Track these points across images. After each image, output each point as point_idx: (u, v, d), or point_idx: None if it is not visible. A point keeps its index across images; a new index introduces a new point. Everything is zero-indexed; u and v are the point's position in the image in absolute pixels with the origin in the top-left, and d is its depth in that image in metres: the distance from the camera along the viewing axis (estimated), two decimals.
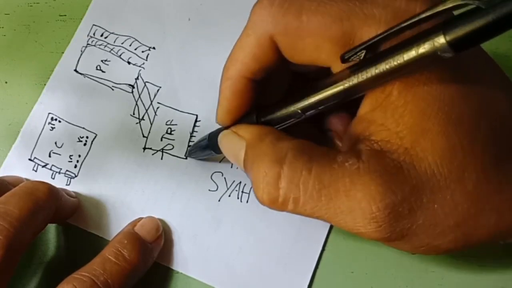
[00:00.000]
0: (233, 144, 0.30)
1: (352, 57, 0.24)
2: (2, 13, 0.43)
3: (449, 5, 0.21)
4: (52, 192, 0.34)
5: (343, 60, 0.25)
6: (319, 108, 0.27)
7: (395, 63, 0.22)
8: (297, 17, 0.26)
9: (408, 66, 0.22)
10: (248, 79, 0.29)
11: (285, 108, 0.28)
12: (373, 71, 0.23)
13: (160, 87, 0.40)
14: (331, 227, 0.37)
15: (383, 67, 0.23)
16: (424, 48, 0.21)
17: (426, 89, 0.24)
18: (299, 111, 0.27)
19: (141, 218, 0.37)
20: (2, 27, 0.42)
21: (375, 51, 0.24)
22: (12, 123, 0.40)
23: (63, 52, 0.41)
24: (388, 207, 0.24)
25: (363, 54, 0.24)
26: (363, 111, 0.26)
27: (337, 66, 0.26)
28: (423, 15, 0.22)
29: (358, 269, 0.37)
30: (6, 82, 0.41)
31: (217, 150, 0.33)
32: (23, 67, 0.42)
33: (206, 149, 0.35)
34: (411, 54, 0.22)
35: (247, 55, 0.28)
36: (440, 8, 0.22)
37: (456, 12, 0.21)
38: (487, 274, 0.36)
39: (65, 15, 0.42)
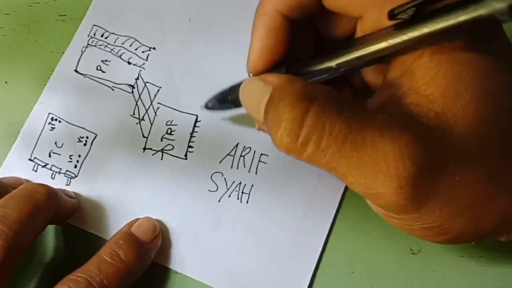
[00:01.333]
0: (257, 89, 0.27)
1: (400, 14, 0.23)
2: (2, 13, 0.43)
3: None
4: (51, 194, 0.34)
5: (392, 16, 0.23)
6: (357, 65, 0.26)
7: (450, 23, 0.21)
8: None
9: (461, 27, 0.21)
10: (284, 16, 0.28)
11: (320, 63, 0.27)
12: (424, 30, 0.22)
13: (160, 87, 0.40)
14: (331, 228, 0.37)
15: (435, 26, 0.22)
16: (482, 9, 0.20)
17: (461, 54, 0.23)
18: (335, 66, 0.26)
19: (138, 219, 0.37)
20: (2, 27, 0.43)
21: (423, 11, 0.23)
22: (12, 123, 0.40)
23: (63, 52, 0.41)
24: (416, 166, 0.22)
25: (412, 12, 0.23)
26: (391, 75, 0.26)
27: (368, 17, 0.25)
28: None
29: (358, 269, 0.37)
30: (6, 82, 0.41)
31: (238, 103, 0.31)
32: (23, 67, 0.42)
33: (225, 102, 0.33)
34: (468, 15, 0.21)
35: None
36: None
37: None
38: (487, 274, 0.36)
39: (65, 15, 0.42)
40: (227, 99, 0.33)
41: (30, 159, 0.39)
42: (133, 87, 0.40)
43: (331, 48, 0.27)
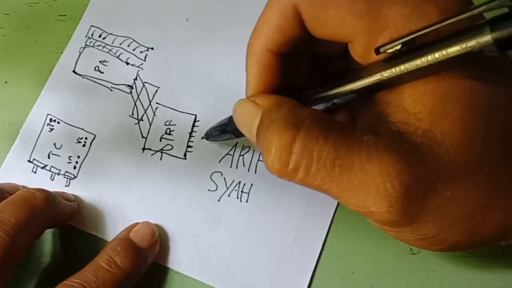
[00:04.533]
0: (248, 111, 0.28)
1: (388, 50, 0.24)
2: (2, 13, 0.43)
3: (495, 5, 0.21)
4: (48, 199, 0.34)
5: (377, 52, 0.24)
6: (351, 97, 0.26)
7: (436, 56, 0.22)
8: None
9: (446, 61, 0.22)
10: (274, 53, 0.28)
11: (314, 94, 0.28)
12: (413, 64, 0.23)
13: (159, 87, 0.40)
14: (330, 227, 0.37)
15: (421, 61, 0.23)
16: (468, 44, 0.21)
17: (448, 73, 0.24)
18: (330, 98, 0.27)
19: (137, 224, 0.37)
20: (2, 27, 0.43)
21: (410, 45, 0.24)
22: (12, 123, 0.40)
23: (63, 52, 0.41)
24: (404, 186, 0.23)
25: (398, 48, 0.24)
26: (379, 94, 0.26)
27: (357, 44, 0.26)
28: (469, 14, 0.22)
29: (358, 269, 0.37)
30: (6, 82, 0.42)
31: (238, 134, 0.32)
32: (23, 67, 0.42)
33: (226, 132, 0.34)
34: (453, 50, 0.22)
35: (271, 28, 0.28)
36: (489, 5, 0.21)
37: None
38: (487, 274, 0.36)
39: (65, 15, 0.42)
40: (226, 129, 0.34)
41: (29, 161, 0.39)
42: (132, 88, 0.40)
43: (325, 84, 0.28)
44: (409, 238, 0.25)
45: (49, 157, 0.39)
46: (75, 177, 0.39)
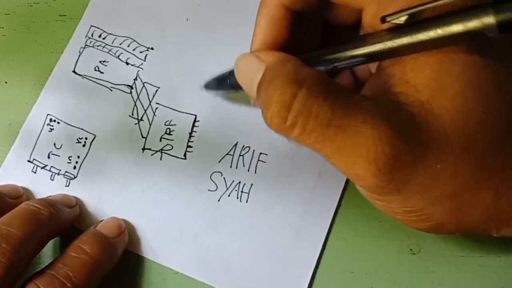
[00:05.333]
0: (251, 66, 0.28)
1: (393, 20, 0.24)
2: (2, 13, 0.43)
3: None
4: (53, 214, 0.34)
5: (383, 21, 0.25)
6: (352, 62, 0.27)
7: (438, 33, 0.23)
8: None
9: (448, 38, 0.22)
10: (286, 8, 0.28)
11: (318, 56, 0.28)
12: (415, 38, 0.23)
13: (159, 87, 0.40)
14: (330, 227, 0.37)
15: (424, 35, 0.23)
16: (470, 24, 0.21)
17: (451, 49, 0.24)
18: (332, 62, 0.27)
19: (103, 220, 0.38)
20: (2, 27, 0.43)
21: (416, 18, 0.24)
22: (12, 123, 0.40)
23: (63, 52, 0.41)
24: (393, 151, 0.23)
25: (404, 19, 0.24)
26: (383, 65, 0.26)
27: (368, 11, 0.26)
28: None
29: (358, 269, 0.37)
30: (6, 82, 0.42)
31: (236, 86, 0.32)
32: (23, 67, 0.42)
33: (224, 84, 0.34)
34: (456, 28, 0.22)
35: None
36: None
37: None
38: (487, 274, 0.36)
39: (65, 15, 0.42)
40: (226, 81, 0.34)
41: (29, 161, 0.39)
42: (132, 88, 0.40)
43: (329, 47, 0.28)
44: (396, 210, 0.26)
45: (49, 157, 0.39)
46: (75, 177, 0.39)
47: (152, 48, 0.41)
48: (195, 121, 0.39)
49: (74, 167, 0.39)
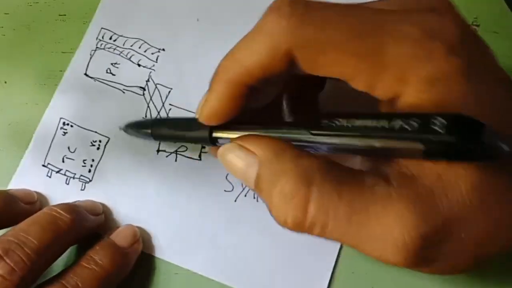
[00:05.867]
0: (241, 160, 0.27)
1: (328, 123, 0.24)
2: (2, 13, 0.42)
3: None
4: (75, 222, 0.34)
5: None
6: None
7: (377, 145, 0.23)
8: (320, 30, 0.24)
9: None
10: (248, 86, 0.27)
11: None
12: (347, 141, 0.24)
13: (172, 88, 0.40)
14: None
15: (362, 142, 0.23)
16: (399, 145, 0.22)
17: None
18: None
19: (118, 227, 0.37)
20: (2, 27, 0.42)
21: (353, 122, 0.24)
22: (11, 123, 0.40)
23: (63, 52, 0.41)
24: (421, 237, 0.23)
25: (338, 122, 0.24)
26: None
27: (359, 82, 0.25)
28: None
29: (358, 269, 0.37)
30: (5, 82, 0.41)
31: (158, 138, 0.34)
32: (23, 67, 0.41)
33: (145, 133, 0.34)
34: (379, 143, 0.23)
35: (254, 62, 0.26)
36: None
37: None
38: (487, 274, 0.36)
39: (65, 15, 0.42)
40: (148, 130, 0.34)
41: (43, 165, 0.39)
42: (144, 89, 0.40)
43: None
44: (423, 271, 0.26)
45: (63, 161, 0.39)
46: (90, 181, 0.39)
47: (163, 49, 0.40)
48: None
49: (89, 171, 0.39)
